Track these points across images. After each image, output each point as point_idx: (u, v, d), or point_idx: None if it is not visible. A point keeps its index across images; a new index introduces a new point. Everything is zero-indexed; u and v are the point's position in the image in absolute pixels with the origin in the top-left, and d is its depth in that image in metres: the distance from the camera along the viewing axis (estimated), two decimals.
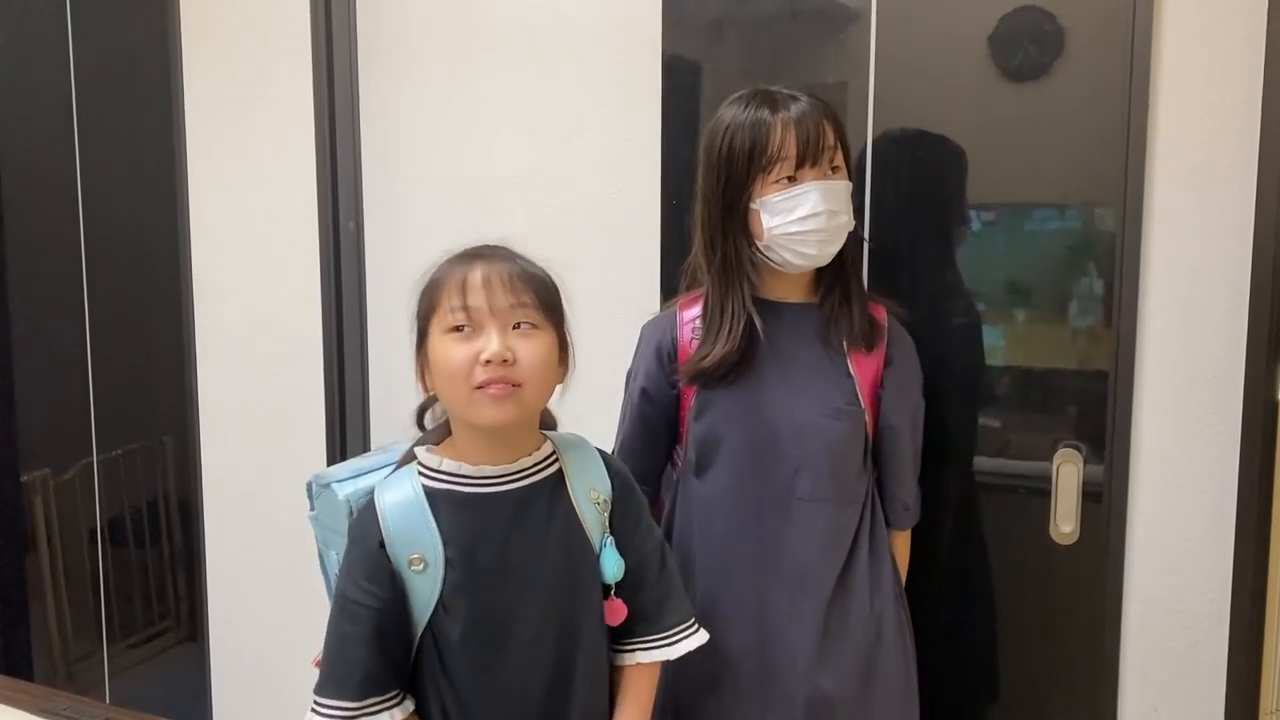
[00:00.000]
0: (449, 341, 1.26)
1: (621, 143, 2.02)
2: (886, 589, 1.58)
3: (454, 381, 1.25)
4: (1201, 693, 1.68)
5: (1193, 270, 1.63)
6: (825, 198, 1.47)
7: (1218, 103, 1.60)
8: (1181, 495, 1.67)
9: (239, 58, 2.39)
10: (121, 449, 2.75)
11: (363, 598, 1.26)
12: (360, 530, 1.31)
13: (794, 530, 1.55)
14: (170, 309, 2.55)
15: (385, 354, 2.28)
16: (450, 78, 2.18)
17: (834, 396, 1.55)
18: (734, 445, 1.56)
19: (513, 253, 1.33)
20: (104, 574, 2.81)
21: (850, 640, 1.55)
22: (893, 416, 1.57)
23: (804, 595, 1.54)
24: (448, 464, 1.31)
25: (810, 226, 1.48)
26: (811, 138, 1.47)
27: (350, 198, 2.23)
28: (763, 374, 1.55)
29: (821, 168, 1.49)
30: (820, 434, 1.53)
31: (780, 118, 1.47)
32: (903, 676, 1.60)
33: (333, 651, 1.28)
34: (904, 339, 1.62)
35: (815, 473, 1.54)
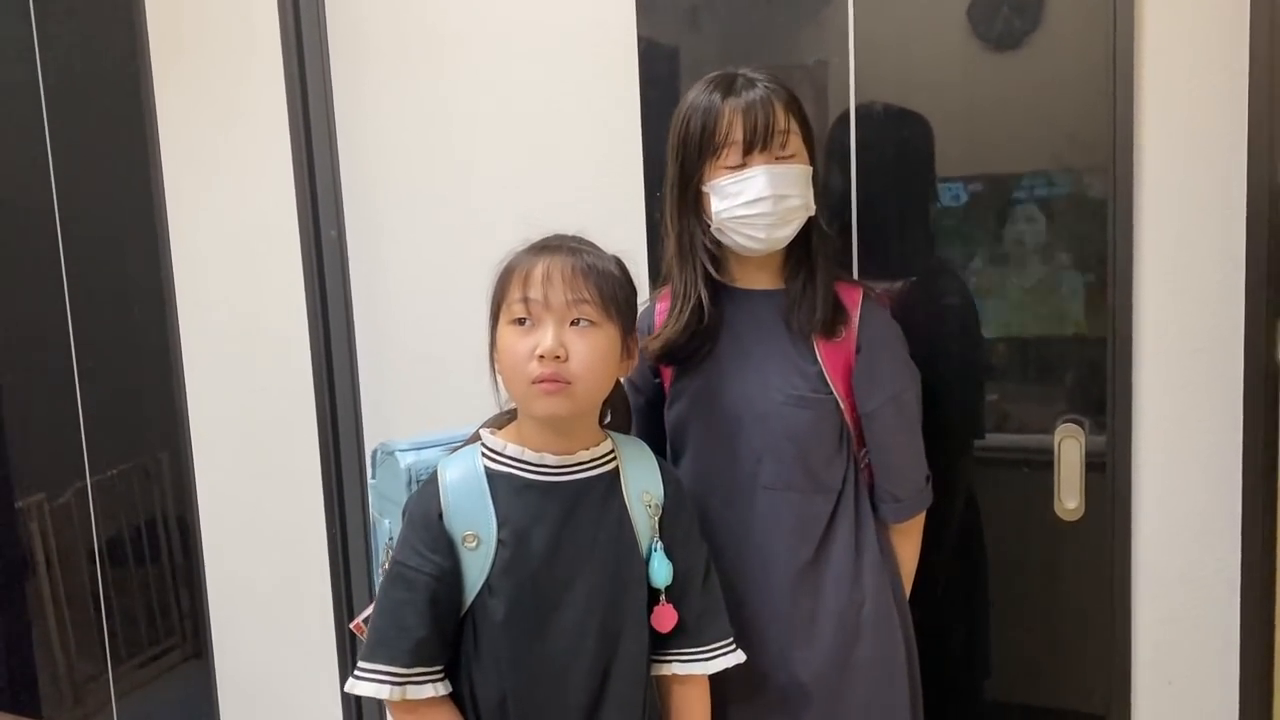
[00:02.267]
0: (510, 332, 1.31)
1: (602, 134, 2.00)
2: (869, 581, 1.55)
3: (513, 372, 1.30)
4: (1216, 663, 1.66)
5: (1186, 235, 1.61)
6: (772, 182, 1.46)
7: (1205, 64, 1.57)
8: (1186, 465, 1.65)
9: (210, 74, 2.36)
10: (116, 469, 2.73)
11: (421, 564, 1.29)
12: (422, 501, 1.34)
13: (759, 518, 1.55)
14: (155, 327, 2.52)
15: (374, 360, 2.26)
16: (424, 79, 2.15)
17: (797, 384, 1.53)
18: (700, 433, 1.58)
19: (582, 245, 1.36)
20: (105, 595, 2.79)
21: (822, 630, 1.54)
22: (866, 404, 1.55)
23: (771, 582, 1.55)
24: (511, 448, 1.35)
25: (756, 210, 1.47)
26: (759, 123, 1.46)
27: (330, 206, 2.21)
28: (726, 362, 1.56)
29: (770, 152, 1.48)
30: (781, 422, 1.53)
31: (730, 103, 1.48)
32: (885, 670, 1.57)
33: (385, 618, 1.30)
34: (881, 323, 1.58)
35: (778, 461, 1.53)
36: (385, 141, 2.21)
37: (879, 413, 1.55)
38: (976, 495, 1.80)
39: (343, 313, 2.24)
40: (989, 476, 1.79)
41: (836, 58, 1.79)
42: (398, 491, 1.45)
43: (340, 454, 2.26)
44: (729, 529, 1.56)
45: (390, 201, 2.22)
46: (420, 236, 2.20)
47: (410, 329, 2.23)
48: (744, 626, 1.53)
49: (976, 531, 1.80)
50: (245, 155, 2.35)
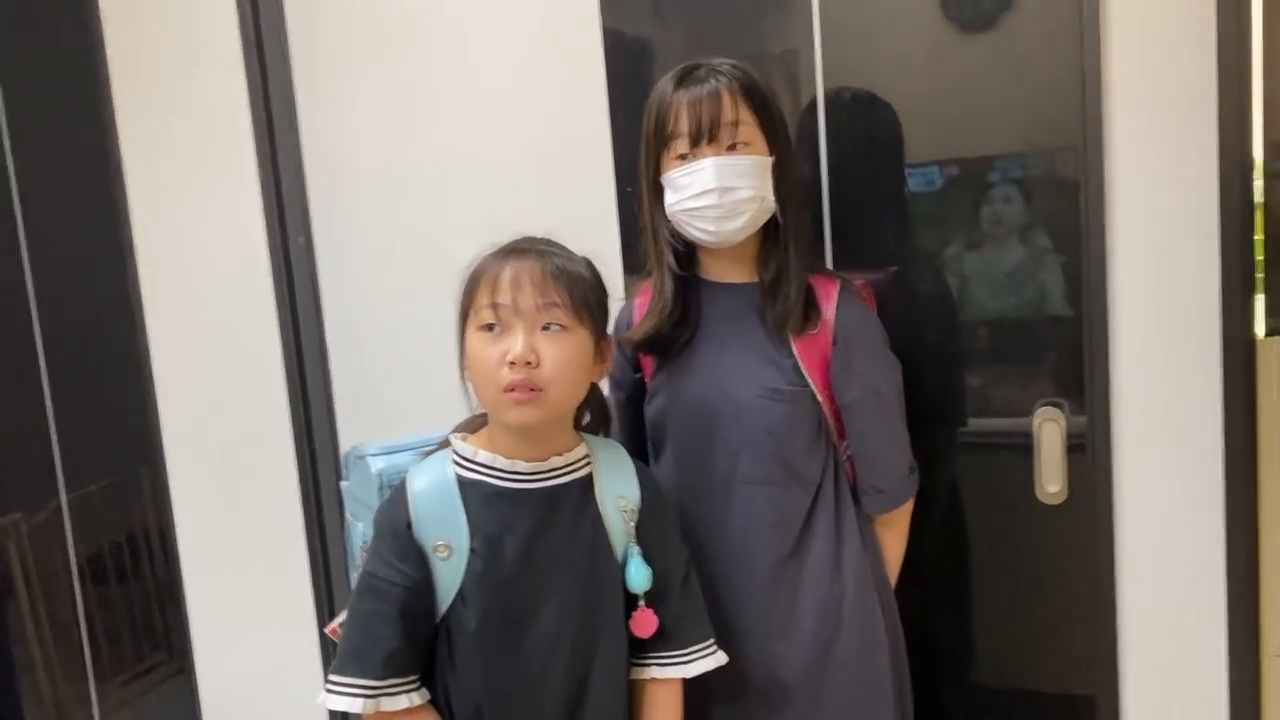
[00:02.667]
0: (479, 339, 1.27)
1: (571, 131, 1.97)
2: (849, 574, 1.54)
3: (484, 380, 1.27)
4: (1203, 640, 1.66)
5: (1159, 213, 1.60)
6: (720, 174, 1.44)
7: (1172, 40, 1.57)
8: (1167, 444, 1.64)
9: (171, 85, 2.32)
10: (93, 485, 2.69)
11: (391, 575, 1.27)
12: (390, 511, 1.31)
13: (737, 512, 1.54)
14: (125, 340, 2.49)
15: (347, 367, 2.24)
16: (388, 80, 2.12)
17: (772, 377, 1.52)
18: (677, 428, 1.57)
19: (551, 247, 1.33)
20: (87, 613, 2.76)
21: (802, 624, 1.53)
22: (844, 395, 1.53)
23: (750, 577, 1.54)
24: (482, 455, 1.32)
25: (705, 202, 1.46)
26: (705, 116, 1.44)
27: (297, 213, 2.18)
28: (703, 356, 1.55)
29: (719, 144, 1.46)
30: (757, 416, 1.51)
31: (679, 95, 1.47)
32: (866, 663, 1.55)
33: (355, 629, 1.28)
34: (857, 314, 1.55)
35: (755, 454, 1.52)
36: (351, 146, 2.18)
37: (857, 404, 1.53)
38: (959, 481, 1.79)
39: (313, 320, 2.21)
40: (971, 462, 1.78)
41: (803, 45, 1.77)
42: (369, 496, 1.43)
43: (316, 462, 2.24)
44: (707, 524, 1.55)
45: (358, 206, 2.19)
46: (389, 240, 2.17)
47: (382, 334, 2.20)
48: (723, 621, 1.52)
49: (959, 517, 1.79)
50: (210, 165, 2.31)
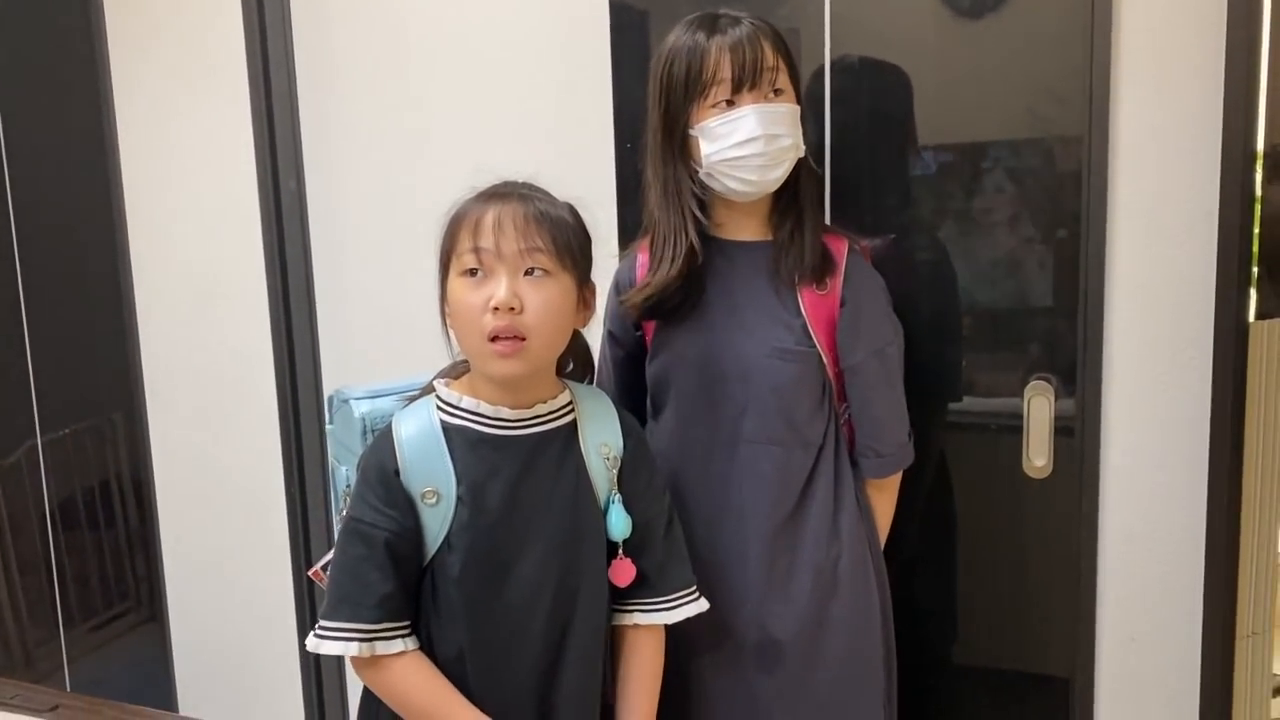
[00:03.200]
0: (461, 285, 1.25)
1: (571, 87, 1.96)
2: (847, 537, 1.54)
3: (467, 326, 1.25)
4: (1178, 619, 1.68)
5: (1160, 198, 1.61)
6: (764, 121, 1.43)
7: (1181, 26, 1.57)
8: (1154, 424, 1.66)
9: (167, 25, 2.29)
10: (69, 429, 2.66)
11: (378, 519, 1.25)
12: (376, 457, 1.28)
13: (739, 472, 1.53)
14: (108, 281, 2.46)
15: (334, 315, 2.22)
16: (388, 30, 2.10)
17: (781, 337, 1.51)
18: (682, 386, 1.56)
19: (534, 192, 1.30)
20: (58, 558, 2.73)
21: (799, 585, 1.53)
22: (849, 357, 1.53)
23: (749, 537, 1.53)
24: (466, 401, 1.30)
25: (748, 151, 1.43)
26: (748, 60, 1.42)
27: (290, 158, 2.16)
28: (711, 315, 1.53)
29: (761, 90, 1.44)
30: (765, 375, 1.51)
31: (716, 41, 1.44)
32: (861, 625, 1.56)
33: (345, 575, 1.26)
34: (865, 276, 1.56)
35: (761, 414, 1.51)
36: (347, 93, 2.15)
37: (862, 366, 1.53)
38: (947, 453, 1.80)
39: (301, 266, 2.19)
40: (962, 435, 1.79)
41: (813, 13, 1.76)
42: (353, 440, 1.41)
43: (299, 411, 2.22)
44: (709, 483, 1.55)
45: (351, 154, 2.17)
46: (381, 189, 2.15)
47: (370, 283, 2.19)
48: (721, 581, 1.52)
49: (946, 489, 1.80)
50: (203, 106, 2.28)
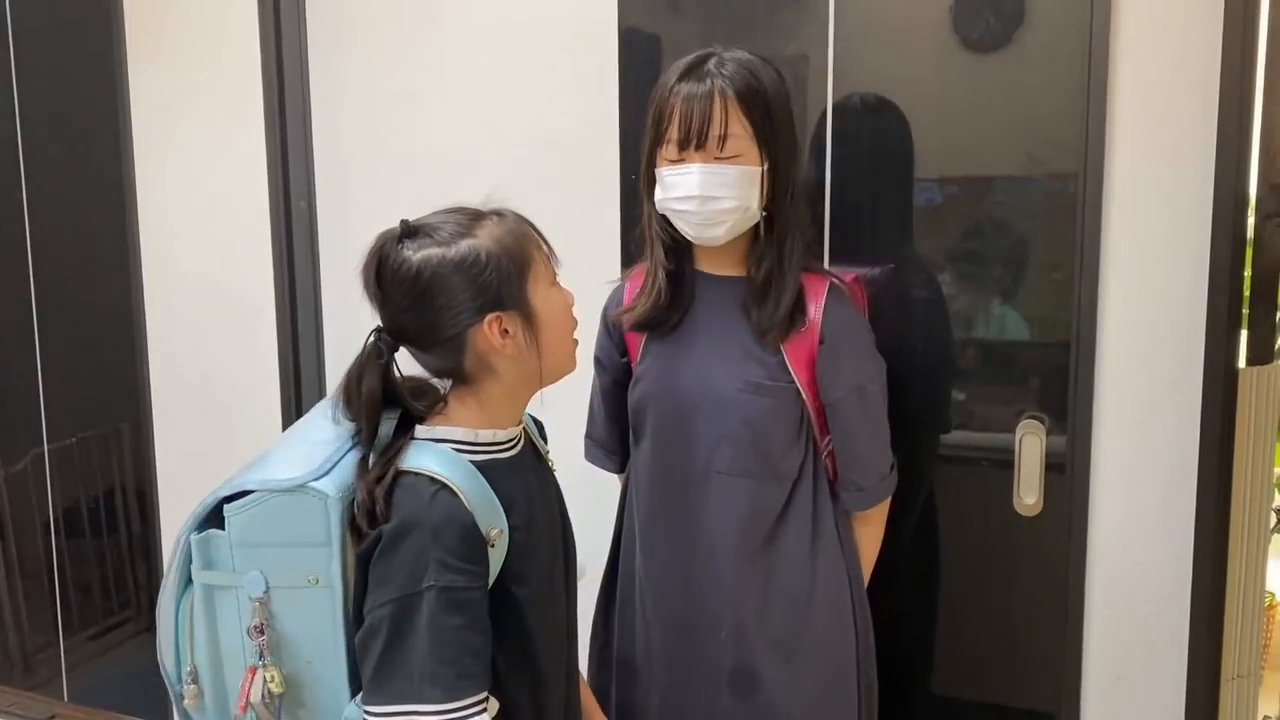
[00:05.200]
0: (557, 293, 1.28)
1: (579, 117, 1.99)
2: (823, 567, 1.56)
3: (565, 332, 1.29)
4: (1164, 659, 1.69)
5: (1153, 240, 1.63)
6: (705, 182, 1.45)
7: (1177, 72, 1.59)
8: (1143, 465, 1.67)
9: (184, 39, 2.33)
10: (75, 437, 2.69)
11: (471, 581, 1.18)
12: (446, 514, 1.18)
13: (713, 502, 1.56)
14: (120, 293, 2.49)
15: (341, 334, 2.24)
16: (401, 52, 2.13)
17: (755, 371, 1.53)
18: (659, 416, 1.59)
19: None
20: (60, 565, 2.75)
21: (773, 614, 1.55)
22: (829, 394, 1.55)
23: (722, 567, 1.55)
24: (484, 434, 1.27)
25: (685, 208, 1.47)
26: (695, 122, 1.44)
27: (302, 176, 2.19)
28: (689, 346, 1.57)
29: (707, 151, 1.45)
30: (738, 408, 1.53)
31: (678, 91, 1.46)
32: (835, 657, 1.58)
33: (450, 650, 1.15)
34: (844, 315, 1.56)
35: (734, 447, 1.54)
36: (360, 114, 2.19)
37: (842, 403, 1.55)
38: (938, 489, 1.81)
39: (310, 284, 2.22)
40: (951, 471, 1.80)
41: (816, 50, 1.79)
42: (308, 530, 1.22)
43: None
44: (683, 512, 1.57)
45: (362, 174, 2.20)
46: (392, 210, 2.16)
47: None
48: (696, 610, 1.55)
49: (936, 525, 1.82)
50: (217, 123, 2.32)
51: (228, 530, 1.25)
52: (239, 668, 1.25)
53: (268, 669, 1.24)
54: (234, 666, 1.27)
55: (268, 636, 1.24)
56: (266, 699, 1.23)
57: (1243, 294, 1.60)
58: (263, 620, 1.23)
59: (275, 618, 1.24)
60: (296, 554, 1.23)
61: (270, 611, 1.24)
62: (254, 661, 1.24)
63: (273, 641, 1.24)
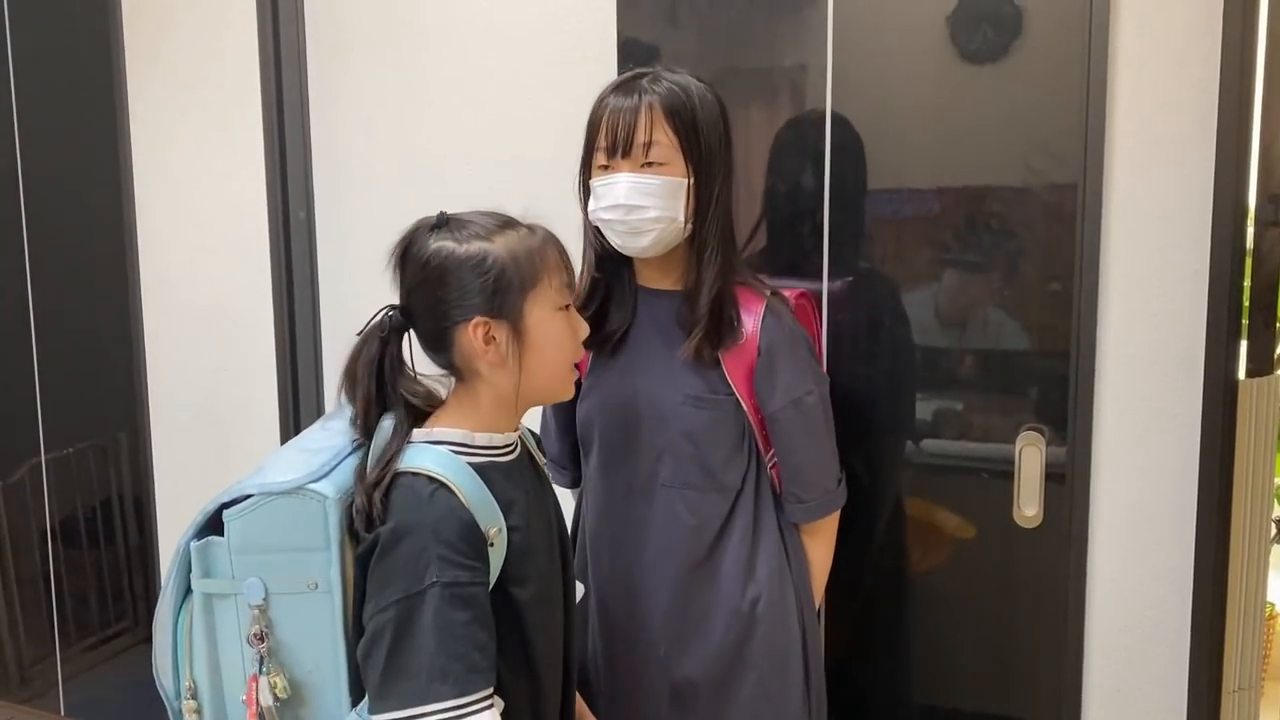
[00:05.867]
0: (563, 319, 1.30)
1: (576, 128, 1.98)
2: (764, 578, 1.56)
3: (558, 358, 1.31)
4: (1165, 671, 1.68)
5: (1152, 251, 1.63)
6: (630, 191, 1.46)
7: (1175, 84, 1.59)
8: (1143, 477, 1.67)
9: (183, 50, 2.33)
10: (72, 447, 2.69)
11: (474, 577, 1.19)
12: (445, 512, 1.20)
13: (656, 515, 1.57)
14: (118, 304, 2.49)
15: (339, 343, 2.24)
16: (400, 65, 2.14)
17: (695, 384, 1.54)
18: (604, 430, 1.60)
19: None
20: (56, 576, 2.75)
21: (713, 626, 1.56)
22: (767, 406, 1.55)
23: (664, 580, 1.57)
24: (480, 437, 1.29)
25: (611, 217, 1.49)
26: (621, 132, 1.47)
27: (300, 187, 2.19)
28: (631, 360, 1.58)
29: (634, 160, 1.47)
30: (679, 421, 1.54)
31: (608, 104, 1.49)
32: (777, 667, 1.58)
33: (458, 645, 1.16)
34: (780, 329, 1.55)
35: (676, 459, 1.55)
36: (359, 125, 2.19)
37: (780, 415, 1.55)
38: (938, 500, 1.81)
39: (308, 295, 2.22)
40: (951, 482, 1.80)
41: (814, 60, 1.79)
42: (307, 534, 1.23)
43: None
44: (626, 525, 1.59)
45: (361, 185, 2.20)
46: (390, 221, 2.16)
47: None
48: (637, 621, 1.57)
49: (936, 536, 1.81)
50: (216, 133, 2.32)
51: (227, 536, 1.25)
52: (238, 680, 1.26)
53: (271, 675, 1.24)
54: (233, 679, 1.27)
55: (267, 644, 1.24)
56: (276, 705, 1.24)
57: (1242, 304, 1.60)
58: (262, 628, 1.23)
59: (275, 625, 1.24)
60: (295, 559, 1.23)
61: (270, 619, 1.24)
62: (254, 670, 1.24)
63: (273, 649, 1.24)
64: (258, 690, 1.24)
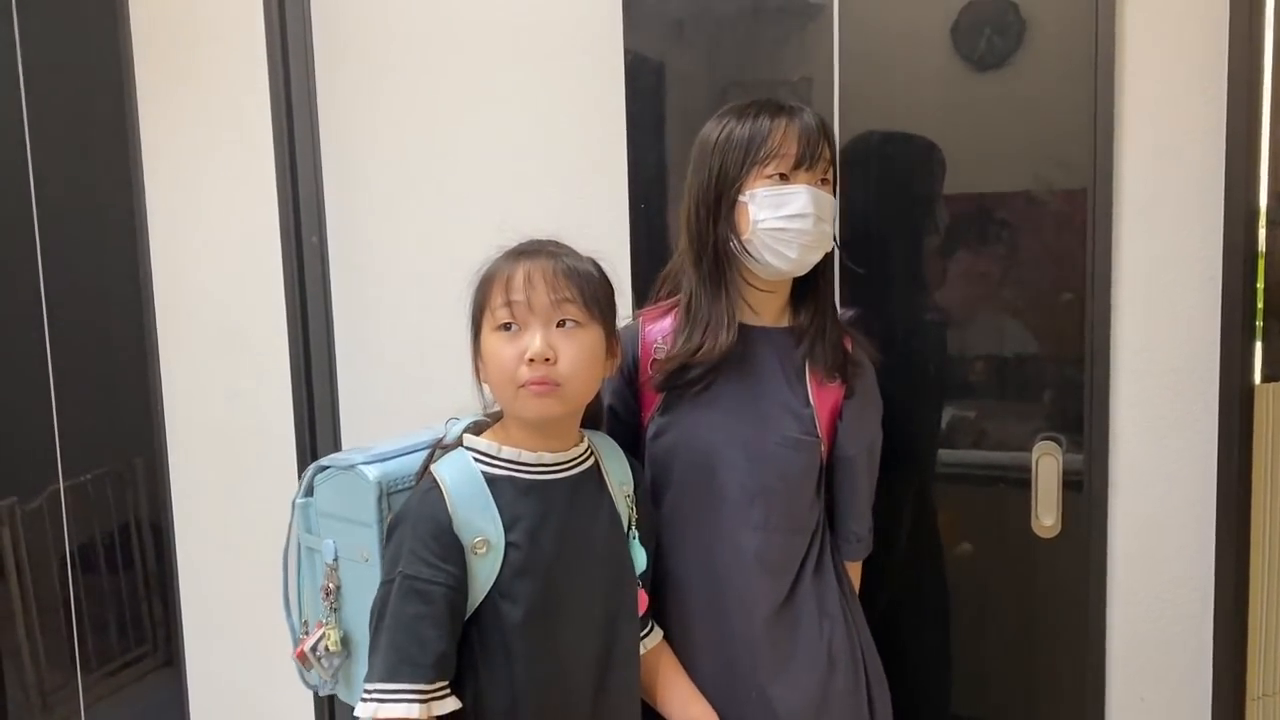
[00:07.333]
0: (497, 339, 1.30)
1: (587, 147, 2.00)
2: (834, 612, 1.55)
3: (503, 378, 1.30)
4: (1188, 680, 1.67)
5: (1164, 257, 1.63)
6: (815, 202, 1.45)
7: (1184, 87, 1.59)
8: (1161, 483, 1.66)
9: (194, 76, 2.35)
10: (90, 474, 2.69)
11: (435, 575, 1.26)
12: (427, 510, 1.29)
13: (744, 559, 1.51)
14: (133, 329, 2.50)
15: (353, 367, 2.25)
16: (409, 86, 2.15)
17: (792, 426, 1.51)
18: (688, 469, 1.52)
19: (561, 248, 1.36)
20: (76, 602, 2.75)
21: (800, 665, 1.53)
22: (849, 448, 1.55)
23: (747, 622, 1.51)
24: (507, 451, 1.34)
25: (797, 226, 1.44)
26: (812, 142, 1.46)
27: (312, 211, 2.20)
28: (723, 399, 1.51)
29: (815, 174, 1.47)
30: (777, 464, 1.50)
31: (785, 119, 1.46)
32: (856, 699, 1.56)
33: (402, 635, 1.25)
34: (866, 369, 1.58)
35: (769, 502, 1.50)
36: (369, 148, 2.20)
37: (857, 457, 1.56)
38: (955, 511, 1.80)
39: (322, 319, 2.23)
40: (968, 493, 1.79)
41: (821, 74, 1.80)
42: (358, 509, 1.38)
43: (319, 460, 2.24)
44: (709, 568, 1.52)
45: (373, 208, 2.21)
46: (402, 244, 2.19)
47: (390, 336, 2.22)
48: (729, 668, 1.52)
49: (955, 548, 1.81)
50: (228, 158, 2.34)
51: (315, 497, 1.45)
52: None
53: (329, 628, 1.42)
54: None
55: (332, 600, 1.42)
56: (321, 654, 1.42)
57: (1256, 307, 1.59)
58: (331, 585, 1.42)
59: (342, 585, 1.42)
60: (353, 530, 1.39)
61: (339, 578, 1.42)
62: (322, 618, 1.43)
63: (336, 606, 1.42)
64: (317, 637, 1.42)
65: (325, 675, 1.44)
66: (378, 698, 1.24)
